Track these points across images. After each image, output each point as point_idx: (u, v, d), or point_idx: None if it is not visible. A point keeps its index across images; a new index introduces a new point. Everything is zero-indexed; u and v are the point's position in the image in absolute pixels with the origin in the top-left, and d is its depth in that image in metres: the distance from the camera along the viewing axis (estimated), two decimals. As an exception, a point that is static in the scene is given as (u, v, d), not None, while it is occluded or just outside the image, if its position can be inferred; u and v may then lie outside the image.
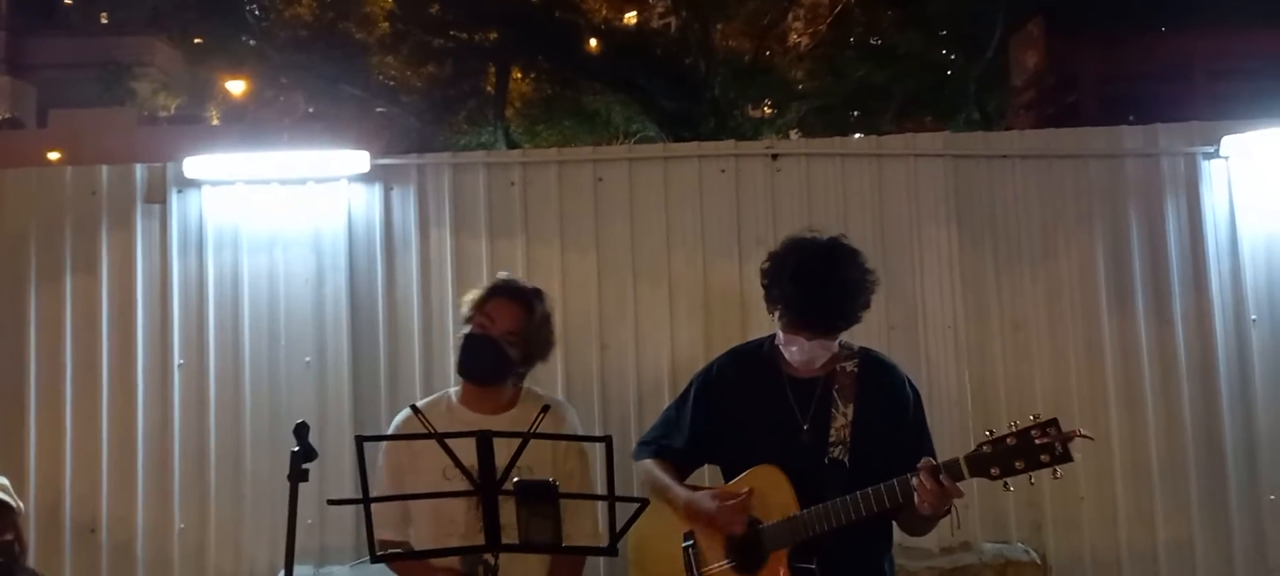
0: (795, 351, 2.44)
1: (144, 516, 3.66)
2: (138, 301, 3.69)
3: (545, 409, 1.91)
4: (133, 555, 3.65)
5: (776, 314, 2.48)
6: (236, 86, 15.52)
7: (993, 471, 2.15)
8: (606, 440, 1.85)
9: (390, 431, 2.59)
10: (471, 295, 2.57)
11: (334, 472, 3.59)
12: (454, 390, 2.59)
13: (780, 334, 2.48)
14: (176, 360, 3.68)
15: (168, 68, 19.60)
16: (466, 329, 2.52)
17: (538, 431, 1.82)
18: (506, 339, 2.47)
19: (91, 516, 3.65)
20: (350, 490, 3.54)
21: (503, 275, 2.60)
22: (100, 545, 3.65)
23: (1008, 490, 2.21)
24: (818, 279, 2.38)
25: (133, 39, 19.03)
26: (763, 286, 2.50)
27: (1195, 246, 3.68)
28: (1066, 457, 2.12)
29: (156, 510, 3.66)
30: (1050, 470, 2.13)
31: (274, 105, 13.46)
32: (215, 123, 18.65)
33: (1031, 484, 2.17)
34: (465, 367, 2.52)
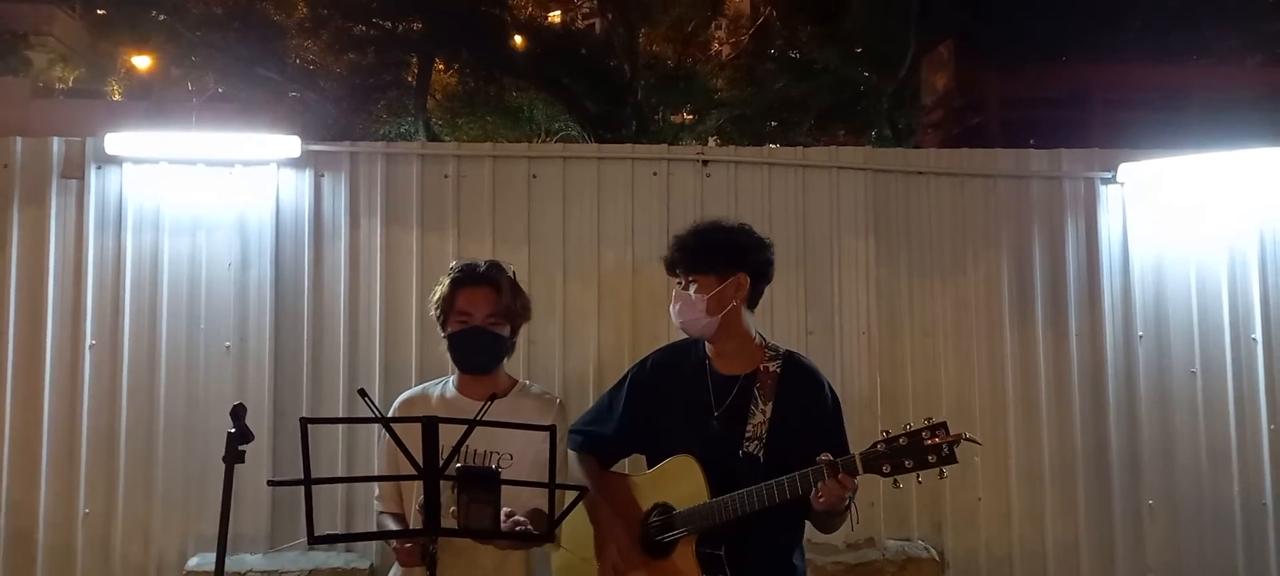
0: (675, 309, 2.53)
1: (47, 501, 3.55)
2: (49, 279, 3.58)
3: (491, 397, 1.95)
4: (34, 540, 3.54)
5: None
6: (142, 62, 14.90)
7: (884, 469, 2.23)
8: (550, 430, 1.91)
9: (393, 410, 2.59)
10: (437, 295, 2.57)
11: (251, 459, 3.51)
12: (452, 378, 2.62)
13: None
14: (88, 341, 3.58)
15: (67, 39, 18.71)
16: (450, 330, 2.52)
17: (483, 419, 1.86)
18: (490, 323, 2.50)
19: (-10, 501, 3.53)
20: (267, 476, 3.50)
21: (455, 265, 2.60)
22: (-1, 529, 3.53)
23: (897, 487, 2.31)
24: (687, 228, 2.56)
25: (29, 7, 18.05)
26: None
27: (1091, 265, 3.92)
28: (951, 459, 2.20)
29: (60, 495, 3.55)
30: (936, 470, 2.21)
31: (182, 83, 12.99)
32: (117, 98, 17.84)
33: (919, 482, 2.27)
34: (465, 364, 2.55)
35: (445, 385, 2.60)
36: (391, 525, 2.40)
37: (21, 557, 3.53)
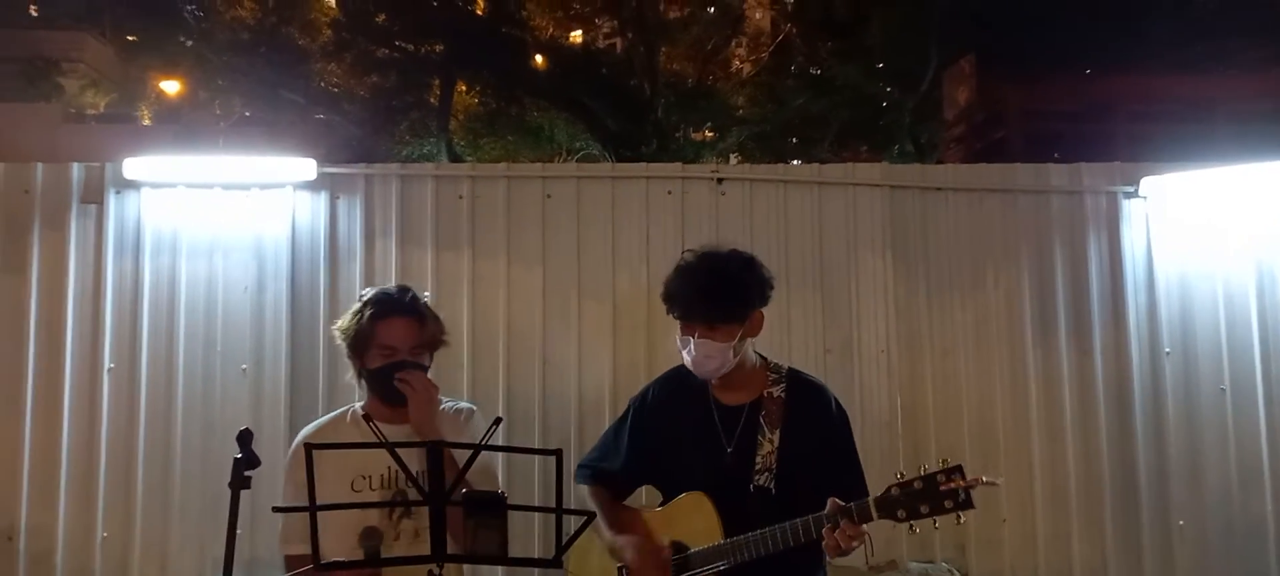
0: (689, 356, 2.44)
1: (65, 524, 3.56)
2: (68, 303, 3.60)
3: (498, 420, 1.93)
4: (52, 564, 3.55)
5: (677, 322, 2.47)
6: (171, 86, 15.15)
7: (899, 514, 2.21)
8: (556, 453, 1.88)
9: (308, 432, 2.53)
10: (348, 325, 2.43)
11: (267, 482, 3.51)
12: (358, 405, 2.52)
13: (678, 340, 2.47)
14: (107, 364, 3.60)
15: (98, 64, 19.00)
16: (374, 365, 2.40)
17: (489, 443, 1.84)
18: (415, 355, 2.42)
19: (10, 523, 3.55)
20: (282, 500, 3.49)
21: (369, 294, 2.48)
22: (18, 553, 3.55)
23: (913, 532, 2.27)
24: (696, 269, 2.43)
25: (61, 33, 18.38)
26: (661, 295, 2.50)
27: (1114, 281, 3.85)
28: (968, 504, 2.18)
29: (79, 518, 3.57)
30: (952, 516, 2.18)
31: (209, 107, 13.19)
32: (146, 123, 18.12)
33: (935, 528, 2.22)
34: (393, 398, 2.41)
35: (355, 413, 2.50)
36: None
37: (41, 580, 3.55)
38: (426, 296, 2.56)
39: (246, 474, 2.00)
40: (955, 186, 3.90)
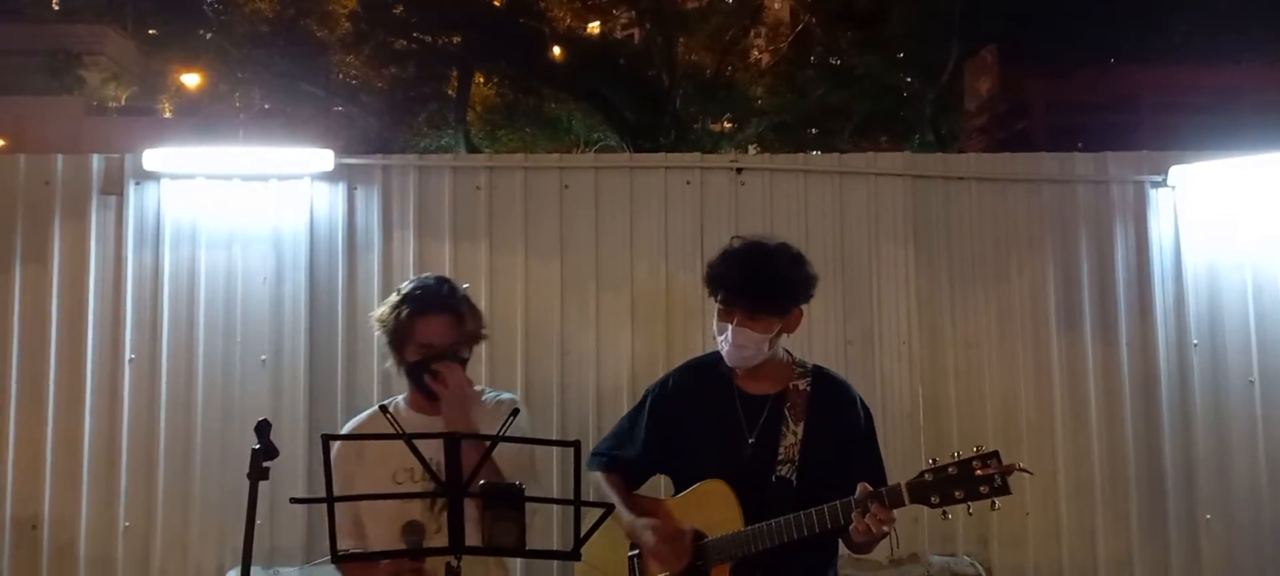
0: (725, 343, 2.42)
1: (88, 514, 3.59)
2: (89, 295, 3.62)
3: (515, 412, 1.91)
4: (75, 554, 3.58)
5: (716, 307, 2.45)
6: (191, 79, 15.26)
7: (933, 499, 2.17)
8: (574, 445, 1.86)
9: (348, 429, 2.52)
10: (387, 317, 2.40)
11: (287, 473, 3.55)
12: (401, 397, 2.51)
13: (715, 325, 2.45)
14: (128, 355, 3.62)
15: (119, 57, 19.15)
16: (412, 359, 2.38)
17: (506, 435, 1.82)
18: (454, 351, 2.40)
19: (33, 513, 3.58)
20: (303, 491, 3.51)
21: (410, 287, 2.44)
22: (41, 542, 3.57)
23: (946, 518, 2.24)
24: (744, 256, 2.41)
25: (84, 27, 18.56)
26: (705, 277, 2.47)
27: (1141, 272, 3.80)
28: (1004, 490, 2.15)
29: (101, 508, 3.59)
30: (988, 502, 2.15)
31: (229, 100, 13.28)
32: (167, 115, 18.28)
33: (970, 514, 2.20)
34: (431, 393, 2.39)
35: (396, 404, 2.49)
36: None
37: (63, 571, 3.57)
38: (465, 288, 2.53)
39: (265, 464, 1.99)
40: (979, 176, 3.85)
